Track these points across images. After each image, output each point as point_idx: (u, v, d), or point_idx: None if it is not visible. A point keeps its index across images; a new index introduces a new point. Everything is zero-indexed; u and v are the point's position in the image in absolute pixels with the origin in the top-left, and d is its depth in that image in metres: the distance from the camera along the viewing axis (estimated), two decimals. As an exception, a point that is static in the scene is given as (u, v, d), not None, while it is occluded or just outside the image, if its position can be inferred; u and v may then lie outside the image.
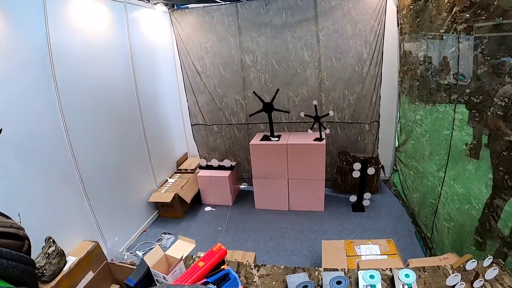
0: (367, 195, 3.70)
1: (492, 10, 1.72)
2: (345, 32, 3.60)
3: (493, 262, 1.48)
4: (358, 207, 3.74)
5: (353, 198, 3.76)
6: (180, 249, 1.83)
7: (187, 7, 3.98)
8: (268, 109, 3.74)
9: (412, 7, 3.06)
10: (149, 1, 3.73)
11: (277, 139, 3.80)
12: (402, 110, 3.77)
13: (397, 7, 3.51)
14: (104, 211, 2.99)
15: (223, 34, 3.95)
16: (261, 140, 3.83)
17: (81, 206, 2.77)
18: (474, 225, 2.00)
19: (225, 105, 4.27)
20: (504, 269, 1.49)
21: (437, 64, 2.68)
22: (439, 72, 2.64)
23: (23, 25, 2.22)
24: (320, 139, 3.63)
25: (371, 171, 3.59)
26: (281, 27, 3.76)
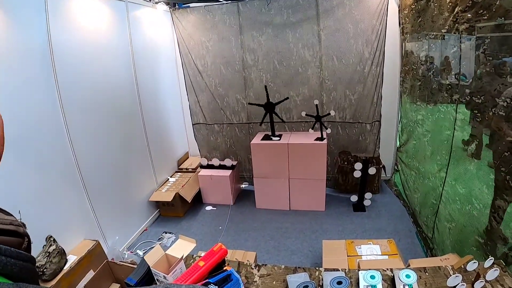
0: (368, 195, 3.69)
1: (494, 10, 1.71)
2: (346, 31, 3.59)
3: (494, 263, 1.48)
4: (359, 207, 3.74)
5: (354, 198, 3.76)
6: (180, 249, 1.83)
7: (189, 6, 3.98)
8: (269, 108, 3.74)
9: (414, 6, 3.05)
10: (150, 0, 3.73)
11: (278, 138, 3.79)
12: (403, 110, 3.76)
13: (399, 7, 3.50)
14: (104, 210, 2.99)
15: (224, 33, 3.95)
16: (262, 139, 3.83)
17: (81, 205, 2.77)
18: (475, 226, 2.00)
19: (226, 105, 4.27)
20: (505, 270, 1.48)
21: (439, 64, 2.67)
22: (441, 72, 2.64)
23: (24, 23, 2.22)
24: (321, 139, 3.62)
25: (372, 171, 3.59)
26: (282, 27, 3.76)
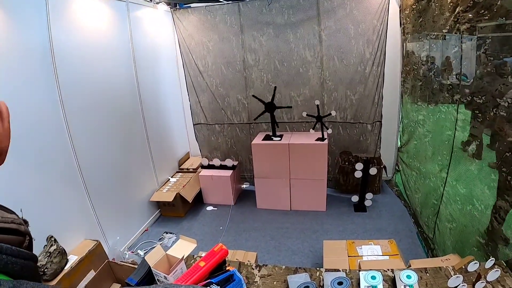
0: (369, 195, 3.69)
1: (495, 10, 1.71)
2: (347, 31, 3.59)
3: (495, 263, 1.48)
4: (360, 207, 3.74)
5: (355, 198, 3.75)
6: (181, 249, 1.84)
7: (189, 6, 3.98)
8: (270, 108, 3.74)
9: (414, 7, 3.04)
10: (151, 0, 3.73)
11: (279, 138, 3.79)
12: (404, 110, 3.75)
13: (400, 7, 3.49)
14: (105, 210, 3.00)
15: (225, 33, 3.95)
16: (263, 139, 3.83)
17: (82, 205, 2.78)
18: (476, 226, 1.99)
19: (227, 105, 4.27)
20: (506, 271, 1.48)
21: (440, 64, 2.67)
22: (442, 72, 2.63)
23: (25, 23, 2.23)
24: (322, 139, 3.62)
25: (373, 171, 3.58)
26: (283, 27, 3.76)
